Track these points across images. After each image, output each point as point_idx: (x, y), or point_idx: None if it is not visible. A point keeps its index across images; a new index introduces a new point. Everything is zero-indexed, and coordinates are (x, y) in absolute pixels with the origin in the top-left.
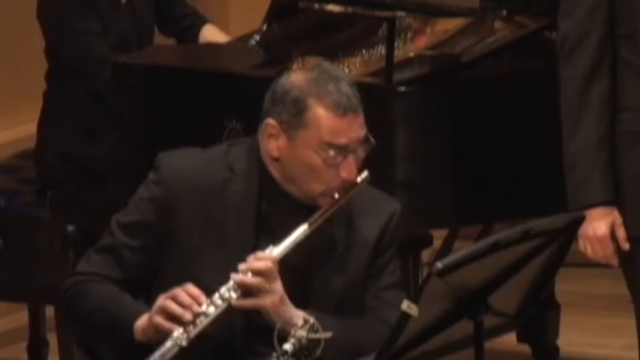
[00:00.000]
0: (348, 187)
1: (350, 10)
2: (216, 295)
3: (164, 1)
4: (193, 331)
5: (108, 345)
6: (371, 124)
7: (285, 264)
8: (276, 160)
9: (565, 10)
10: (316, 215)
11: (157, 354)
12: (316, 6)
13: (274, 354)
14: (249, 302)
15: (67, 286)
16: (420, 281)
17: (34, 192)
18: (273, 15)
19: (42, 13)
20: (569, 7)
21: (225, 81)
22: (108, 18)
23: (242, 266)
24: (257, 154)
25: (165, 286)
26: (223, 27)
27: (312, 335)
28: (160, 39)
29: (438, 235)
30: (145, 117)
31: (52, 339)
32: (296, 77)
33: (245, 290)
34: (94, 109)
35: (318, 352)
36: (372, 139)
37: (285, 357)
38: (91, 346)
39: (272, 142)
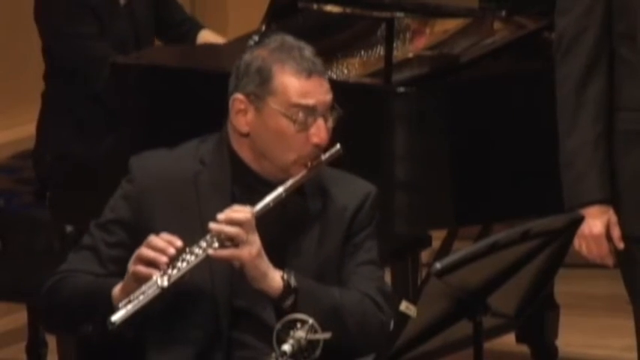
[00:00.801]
0: (319, 155)
1: (349, 10)
2: (195, 246)
3: (162, 7)
4: (173, 275)
5: (88, 319)
6: (370, 124)
7: (262, 238)
8: (246, 135)
9: (561, 7)
10: (290, 181)
11: (137, 292)
12: (315, 6)
13: (273, 355)
14: (226, 252)
15: (46, 285)
16: (419, 282)
17: (32, 192)
18: (272, 15)
19: (39, 15)
20: (565, 5)
21: (223, 81)
22: (106, 19)
23: (220, 216)
24: (227, 143)
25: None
26: (222, 27)
27: (312, 336)
28: (157, 42)
29: (437, 236)
30: (144, 117)
31: (51, 339)
32: (257, 50)
33: (223, 241)
34: (92, 110)
35: (318, 352)
36: (338, 108)
37: (284, 358)
38: (75, 329)
39: (240, 117)
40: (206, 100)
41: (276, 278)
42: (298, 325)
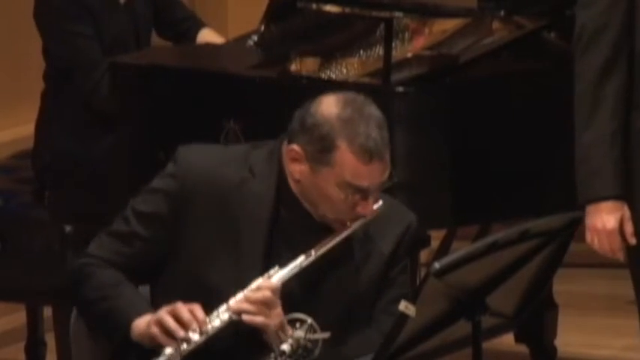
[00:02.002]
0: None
1: (348, 10)
2: (214, 314)
3: (162, 5)
4: (186, 350)
5: (104, 334)
6: None
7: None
8: (297, 181)
9: (584, 0)
10: (324, 242)
11: None
12: (314, 6)
13: (272, 354)
14: (258, 319)
15: (76, 267)
16: (417, 282)
17: (31, 192)
18: (272, 15)
19: (38, 14)
20: None
21: (223, 81)
22: (106, 19)
23: (240, 296)
24: (278, 161)
25: (174, 282)
26: (222, 27)
27: (310, 336)
28: (157, 41)
29: (436, 236)
30: (143, 117)
31: (50, 339)
32: (328, 110)
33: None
34: (91, 110)
35: (316, 352)
36: (394, 176)
37: (283, 357)
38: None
39: (295, 165)
40: (205, 100)
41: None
42: (297, 324)
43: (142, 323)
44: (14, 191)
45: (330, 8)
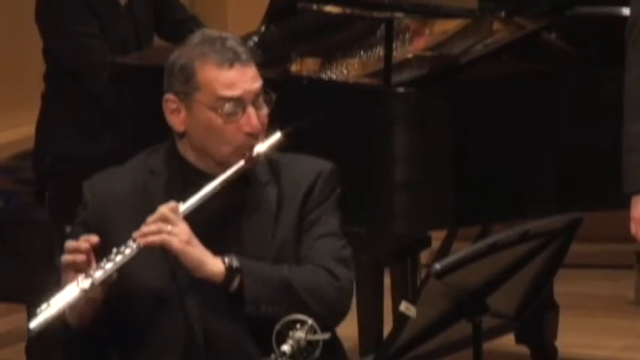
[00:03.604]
0: (255, 144)
1: (348, 11)
2: (120, 248)
3: (163, 5)
4: (97, 276)
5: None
6: (369, 124)
7: (210, 220)
8: (184, 134)
9: None
10: (226, 172)
11: (58, 296)
12: (314, 7)
13: (272, 355)
14: (156, 238)
15: None
16: (418, 282)
17: (32, 193)
18: (272, 16)
19: (40, 15)
20: None
21: None
22: (107, 19)
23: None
24: (174, 148)
25: (119, 293)
26: (222, 28)
27: (311, 337)
28: (158, 42)
29: (437, 236)
30: (144, 118)
31: None
32: (181, 48)
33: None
34: (92, 110)
35: (317, 353)
36: (270, 92)
37: (284, 358)
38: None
39: (175, 117)
40: None
41: (216, 263)
42: (298, 325)
43: None
44: (15, 192)
45: (330, 9)
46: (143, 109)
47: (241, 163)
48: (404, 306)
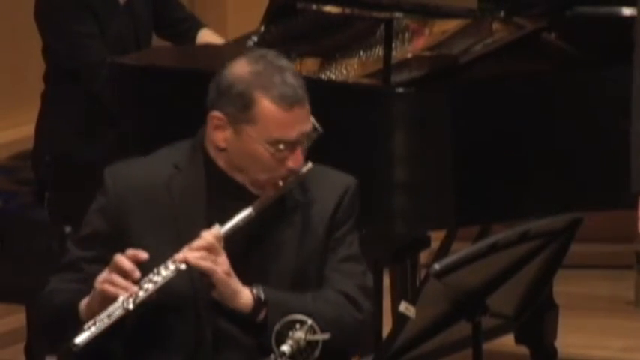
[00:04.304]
0: (293, 175)
1: (348, 11)
2: (162, 266)
3: (162, 5)
4: (139, 296)
5: (66, 336)
6: (369, 125)
7: (238, 241)
8: (223, 150)
9: None
10: (260, 199)
11: (103, 314)
12: (314, 7)
13: (272, 355)
14: (205, 263)
15: (36, 309)
16: (418, 282)
17: (31, 193)
18: (271, 16)
19: (39, 15)
20: None
21: None
22: (106, 18)
23: (185, 248)
24: (202, 147)
25: None
26: (221, 28)
27: (310, 337)
28: (157, 41)
29: (436, 237)
30: (143, 118)
31: None
32: (240, 69)
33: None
34: (92, 110)
35: (316, 353)
36: (318, 128)
37: (283, 358)
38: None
39: (218, 133)
40: (205, 100)
41: (246, 295)
42: (297, 325)
43: (87, 298)
44: (14, 192)
45: (330, 9)
46: (143, 109)
47: (274, 192)
48: (403, 306)
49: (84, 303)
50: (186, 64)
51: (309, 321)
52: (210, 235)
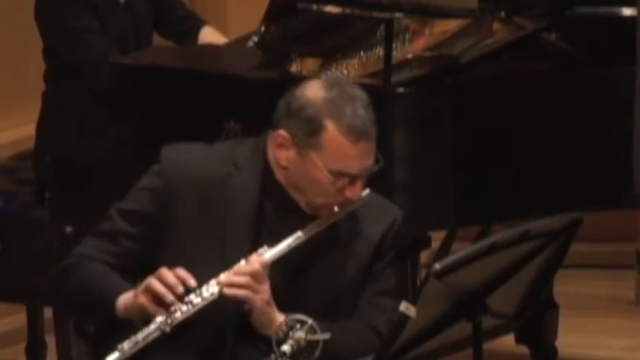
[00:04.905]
0: (349, 203)
1: (348, 11)
2: (204, 287)
3: (162, 4)
4: (177, 319)
5: (88, 318)
6: None
7: (282, 267)
8: (284, 168)
9: None
10: (312, 225)
11: (139, 335)
12: (314, 7)
13: (272, 355)
14: (242, 292)
15: (60, 267)
16: (418, 283)
17: (32, 193)
18: (272, 16)
19: (39, 13)
20: None
21: (223, 82)
22: (106, 17)
23: (230, 271)
24: (263, 154)
25: None
26: (222, 28)
27: (311, 337)
28: (158, 40)
29: (437, 237)
30: (143, 118)
31: (51, 340)
32: (313, 93)
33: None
34: (92, 110)
35: (317, 353)
36: (380, 161)
37: (284, 358)
38: (78, 320)
39: (282, 151)
40: (205, 100)
41: (280, 323)
42: (298, 325)
43: (127, 297)
44: (15, 192)
45: (330, 9)
46: (142, 109)
47: (328, 218)
48: (404, 306)
49: (122, 302)
50: (186, 63)
51: (310, 321)
52: (258, 261)
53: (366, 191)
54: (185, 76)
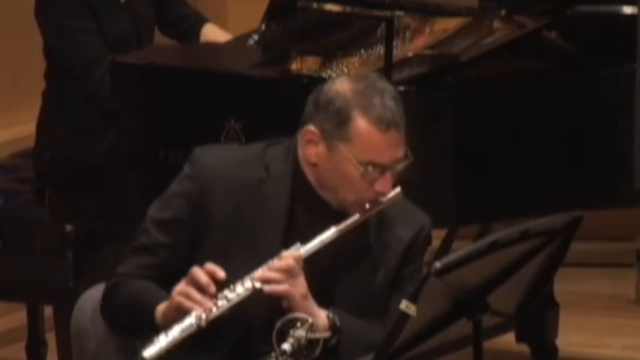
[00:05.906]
0: (380, 199)
1: (348, 9)
2: (238, 284)
3: (163, 3)
4: (213, 313)
5: (136, 333)
6: None
7: (314, 263)
8: (314, 165)
9: None
10: (346, 222)
11: (175, 329)
12: (315, 5)
13: (273, 354)
14: (281, 287)
15: (105, 289)
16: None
17: (32, 192)
18: (272, 14)
19: (39, 12)
20: None
21: (223, 81)
22: (107, 17)
23: (265, 267)
24: (294, 156)
25: None
26: (222, 26)
27: (311, 335)
28: (159, 39)
29: (437, 235)
30: (144, 117)
31: (51, 339)
32: (341, 86)
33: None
34: (92, 109)
35: (317, 351)
36: (410, 156)
37: (284, 357)
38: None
39: (311, 147)
40: (206, 99)
41: (322, 318)
42: (298, 324)
43: (164, 304)
44: (15, 191)
45: (330, 7)
46: (143, 107)
47: (360, 215)
48: (404, 305)
49: (160, 310)
50: (187, 62)
51: (310, 319)
52: (291, 256)
53: (397, 189)
54: (186, 74)
